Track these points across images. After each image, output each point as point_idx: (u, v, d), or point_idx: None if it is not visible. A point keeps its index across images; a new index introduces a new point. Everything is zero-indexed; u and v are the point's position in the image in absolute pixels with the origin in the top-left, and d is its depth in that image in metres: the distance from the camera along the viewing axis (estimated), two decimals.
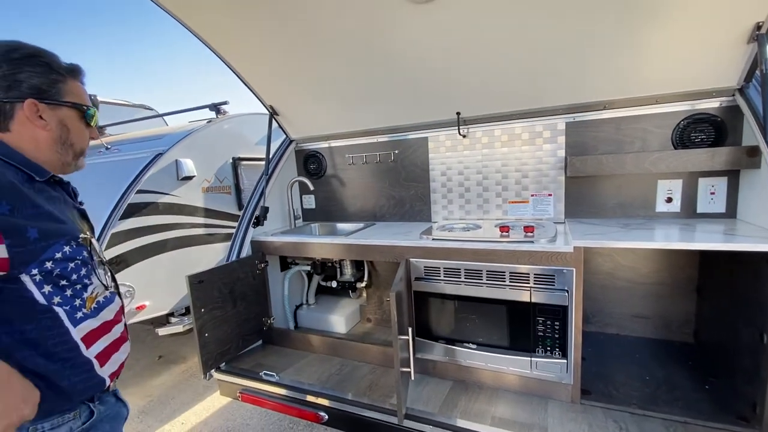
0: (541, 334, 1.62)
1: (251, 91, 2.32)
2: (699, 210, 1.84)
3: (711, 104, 1.76)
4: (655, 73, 1.71)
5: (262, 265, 2.28)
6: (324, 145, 2.69)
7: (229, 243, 2.29)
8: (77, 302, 0.93)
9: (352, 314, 2.67)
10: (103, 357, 0.99)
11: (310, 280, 2.75)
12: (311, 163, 2.78)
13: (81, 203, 1.08)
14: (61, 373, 0.89)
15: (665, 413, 1.49)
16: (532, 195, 2.15)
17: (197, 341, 1.88)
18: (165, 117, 4.97)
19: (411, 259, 1.84)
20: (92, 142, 1.07)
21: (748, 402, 1.41)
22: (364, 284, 2.64)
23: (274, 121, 2.52)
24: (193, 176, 3.16)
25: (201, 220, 3.26)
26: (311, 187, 2.62)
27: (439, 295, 1.80)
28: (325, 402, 1.78)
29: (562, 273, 1.55)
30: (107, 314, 1.01)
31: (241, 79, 2.21)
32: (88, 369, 0.94)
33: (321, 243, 2.12)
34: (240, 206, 3.59)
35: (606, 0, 1.45)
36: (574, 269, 1.52)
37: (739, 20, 1.43)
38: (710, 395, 1.58)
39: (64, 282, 0.90)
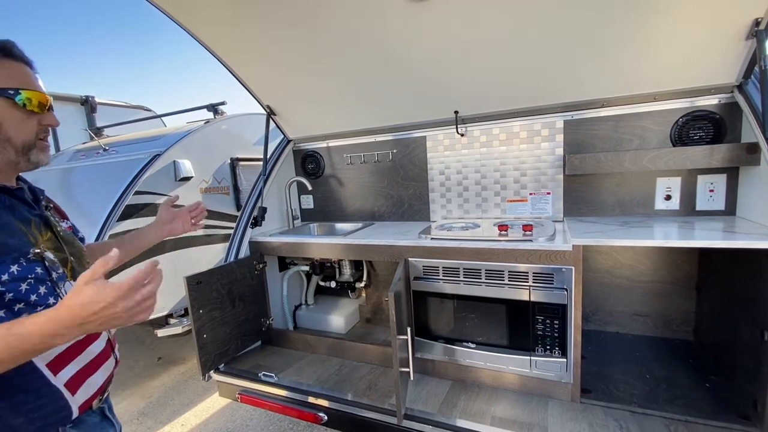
0: (541, 332, 1.61)
1: (248, 91, 2.31)
2: (698, 207, 1.84)
3: (710, 101, 1.75)
4: (653, 70, 1.70)
5: (261, 266, 2.27)
6: (322, 144, 2.68)
7: (228, 244, 2.28)
8: None
9: (351, 314, 2.67)
10: (75, 383, 0.88)
11: (308, 281, 2.74)
12: (309, 163, 2.77)
13: (48, 207, 0.96)
14: (18, 408, 0.78)
15: (666, 412, 1.48)
16: (531, 193, 2.15)
17: (196, 342, 1.88)
18: (163, 118, 4.96)
19: (410, 259, 1.83)
20: (91, 143, 0.97)
21: (749, 400, 1.41)
22: (363, 284, 2.64)
23: (271, 121, 2.51)
24: (191, 177, 3.15)
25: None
26: (309, 187, 2.61)
27: (438, 295, 1.79)
28: (324, 402, 1.77)
29: (561, 271, 1.54)
30: None
31: (238, 80, 2.20)
32: (54, 400, 0.84)
33: (319, 243, 2.12)
34: (238, 207, 3.59)
35: None
36: (573, 267, 1.51)
37: (738, 17, 1.42)
38: (711, 393, 1.58)
39: (20, 305, 0.79)
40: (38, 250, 0.84)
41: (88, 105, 5.01)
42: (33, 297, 0.81)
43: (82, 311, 0.68)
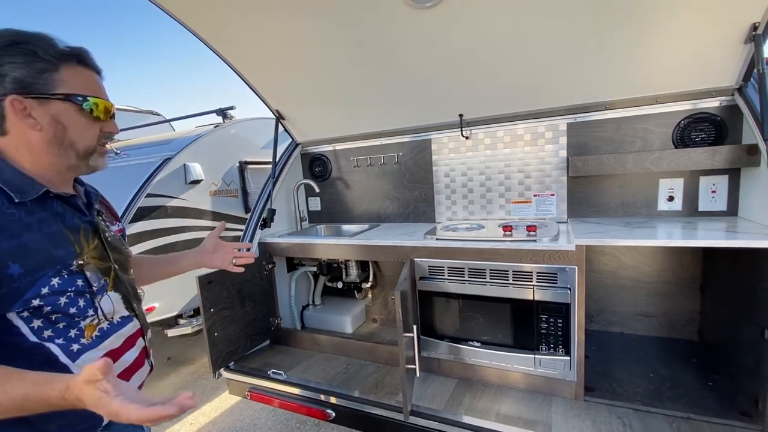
0: (545, 331, 1.64)
1: (258, 96, 2.37)
2: (700, 208, 1.86)
3: (711, 104, 1.78)
4: (654, 73, 1.73)
5: (270, 266, 2.32)
6: (329, 148, 2.73)
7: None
8: (72, 333, 0.81)
9: (358, 314, 2.70)
10: None
11: (316, 281, 2.78)
12: (317, 166, 2.82)
13: (99, 212, 0.96)
14: (52, 415, 0.75)
15: (669, 409, 1.50)
16: (535, 195, 2.18)
17: (207, 340, 1.93)
18: (173, 122, 5.05)
19: (415, 259, 1.87)
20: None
21: (751, 398, 1.42)
22: (369, 285, 2.68)
23: (280, 125, 2.57)
24: (201, 180, 3.22)
25: (209, 223, 3.32)
26: (317, 190, 2.66)
27: (444, 294, 1.83)
28: (332, 400, 1.81)
29: (564, 271, 1.57)
30: (113, 342, 0.89)
31: (248, 84, 2.26)
32: (83, 411, 0.79)
33: (327, 244, 2.16)
34: (246, 209, 3.65)
35: (606, 3, 1.48)
36: (577, 267, 1.54)
37: (736, 21, 1.45)
38: (714, 392, 1.59)
39: (57, 316, 0.79)
40: (81, 262, 0.83)
41: None
42: (72, 309, 0.81)
43: (88, 405, 0.67)
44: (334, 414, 1.79)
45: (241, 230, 2.38)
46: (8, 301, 0.72)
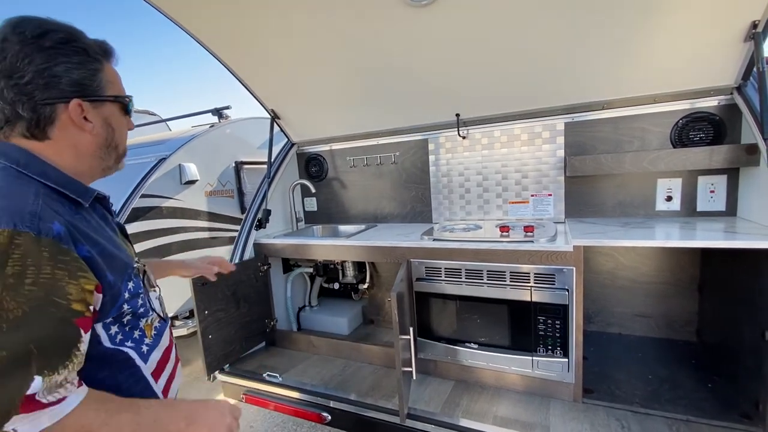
0: (542, 333, 1.62)
1: (253, 95, 2.34)
2: (699, 208, 1.85)
3: (709, 103, 1.76)
4: (652, 72, 1.72)
5: (265, 268, 2.30)
6: (325, 148, 2.71)
7: (232, 246, 2.31)
8: (136, 334, 0.80)
9: (355, 316, 2.68)
10: (167, 389, 0.88)
11: (312, 282, 2.76)
12: (313, 166, 2.80)
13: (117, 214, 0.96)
14: None
15: (668, 411, 1.49)
16: (532, 195, 2.16)
17: (201, 343, 1.90)
18: (168, 122, 5.02)
19: (412, 260, 1.85)
20: None
21: (751, 400, 1.41)
22: (366, 286, 2.66)
23: (275, 124, 2.55)
24: (196, 180, 3.19)
25: (204, 223, 3.29)
26: (313, 190, 2.64)
27: (441, 296, 1.81)
28: (328, 402, 1.79)
29: (562, 272, 1.55)
30: (166, 339, 0.90)
31: (243, 84, 2.24)
32: None
33: (323, 245, 2.14)
34: (242, 209, 3.62)
35: (604, 1, 1.46)
36: (574, 268, 1.53)
37: (736, 19, 1.44)
38: (713, 393, 1.58)
39: (128, 318, 0.78)
40: (137, 264, 0.83)
41: None
42: (141, 310, 0.81)
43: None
44: (330, 417, 1.77)
45: (237, 231, 2.36)
46: (108, 308, 0.71)
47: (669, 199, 1.89)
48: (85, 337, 0.65)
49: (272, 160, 2.56)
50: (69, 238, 0.64)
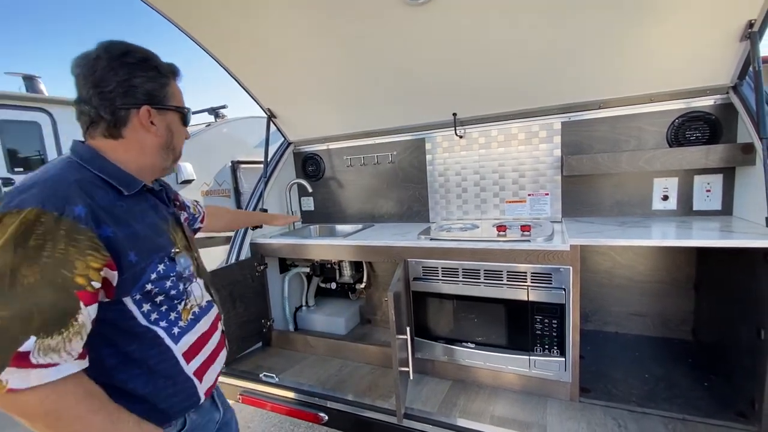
0: (539, 332, 1.62)
1: (249, 94, 2.33)
2: (695, 207, 1.85)
3: (705, 102, 1.77)
4: (649, 71, 1.72)
5: (262, 267, 2.29)
6: (322, 147, 2.70)
7: (229, 245, 2.30)
8: (172, 316, 0.89)
9: (352, 315, 2.68)
10: (201, 372, 0.94)
11: (309, 282, 2.75)
12: (309, 166, 2.79)
13: (178, 204, 1.10)
14: (161, 393, 0.86)
15: (664, 410, 1.49)
16: (529, 194, 2.16)
17: None
18: None
19: (409, 260, 1.85)
20: None
21: (747, 398, 1.42)
22: (363, 285, 2.65)
23: (272, 124, 2.54)
24: (193, 180, 3.18)
25: None
26: (310, 189, 2.63)
27: (438, 295, 1.81)
28: (325, 403, 1.78)
29: (558, 271, 1.55)
30: (203, 325, 0.97)
31: (239, 83, 2.23)
32: (188, 387, 0.91)
33: (320, 244, 2.13)
34: (239, 209, 3.61)
35: (600, 1, 1.46)
36: (571, 267, 1.53)
37: (732, 18, 1.44)
38: (709, 392, 1.58)
39: (161, 298, 0.86)
40: (176, 250, 0.91)
41: None
42: (173, 293, 0.88)
43: None
44: (327, 417, 1.76)
45: (233, 230, 2.34)
46: (129, 285, 0.79)
47: (665, 198, 1.89)
48: (86, 310, 0.71)
49: (269, 159, 2.55)
50: (90, 219, 0.73)
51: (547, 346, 1.62)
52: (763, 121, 1.40)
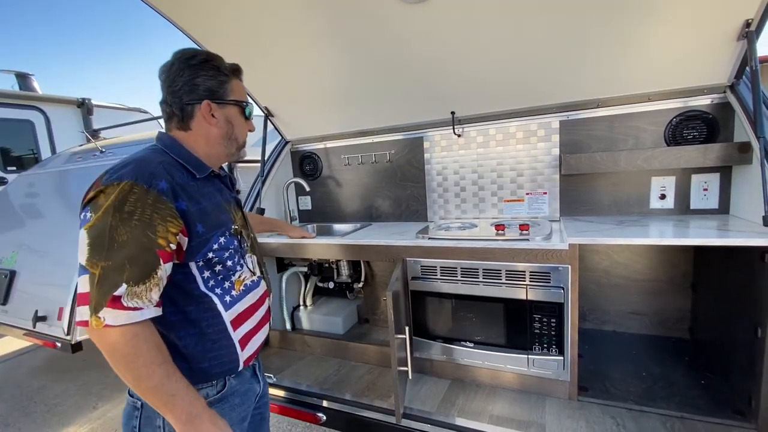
0: (538, 331, 1.62)
1: (246, 92, 2.31)
2: (692, 206, 1.86)
3: (702, 101, 1.77)
4: (647, 71, 1.72)
5: None
6: (320, 146, 2.69)
7: None
8: (227, 285, 1.01)
9: (350, 315, 2.67)
10: (245, 340, 1.05)
11: (307, 282, 2.74)
12: (307, 164, 2.78)
13: (238, 191, 1.20)
14: (207, 354, 0.97)
15: (662, 409, 1.49)
16: (528, 193, 2.16)
17: None
18: (160, 120, 4.95)
19: (407, 259, 1.84)
20: (87, 145, 1.11)
21: (744, 396, 1.42)
22: (361, 285, 2.64)
23: (269, 122, 2.52)
24: None
25: None
26: (307, 188, 2.62)
27: (436, 294, 1.80)
28: (322, 402, 1.77)
29: (557, 270, 1.55)
30: (252, 297, 1.09)
31: None
32: (230, 352, 1.01)
33: (317, 244, 2.12)
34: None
35: (599, 0, 1.46)
36: (570, 266, 1.53)
37: (729, 18, 1.44)
38: (706, 390, 1.59)
39: (219, 267, 0.99)
40: (235, 227, 1.05)
41: (84, 107, 5.01)
42: (229, 263, 1.01)
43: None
44: (325, 417, 1.75)
45: None
46: (195, 251, 0.93)
47: (663, 197, 1.90)
48: (164, 266, 0.85)
49: (266, 158, 2.54)
50: (171, 193, 0.88)
51: (545, 345, 1.62)
52: (760, 120, 1.41)
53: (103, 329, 0.78)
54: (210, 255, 0.96)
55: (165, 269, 0.86)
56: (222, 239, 0.99)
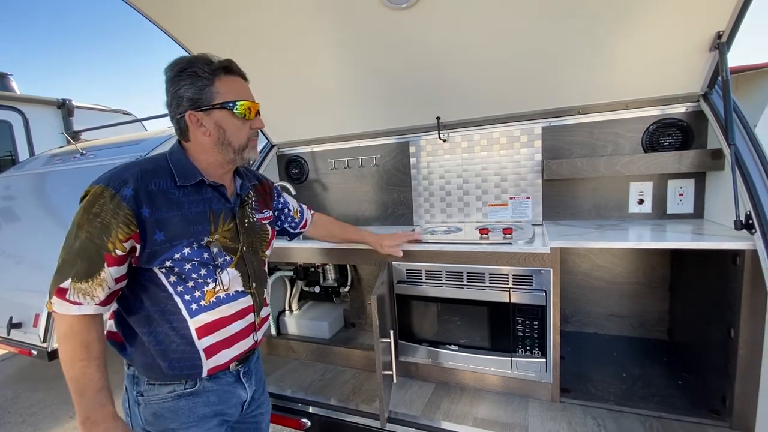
0: (521, 334, 1.64)
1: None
2: (669, 211, 1.91)
3: (678, 109, 1.83)
4: (624, 79, 1.77)
5: None
6: (306, 149, 2.69)
7: None
8: (197, 294, 1.01)
9: (336, 319, 2.65)
10: (212, 351, 1.05)
11: (292, 286, 2.71)
12: (293, 168, 2.77)
13: (244, 201, 1.16)
14: (167, 354, 0.99)
15: (641, 409, 1.52)
16: (511, 198, 2.20)
17: None
18: (144, 122, 4.88)
19: (393, 263, 1.85)
20: (67, 147, 1.12)
21: (719, 395, 1.46)
22: (347, 289, 2.63)
23: None
24: None
25: None
26: (293, 192, 2.61)
27: (422, 298, 1.81)
28: (307, 408, 1.76)
29: (539, 273, 1.58)
30: (226, 310, 1.07)
31: None
32: (193, 357, 1.02)
33: (303, 247, 2.11)
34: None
35: (578, 9, 1.50)
36: (551, 269, 1.55)
37: (702, 29, 1.50)
38: (684, 390, 1.63)
39: (185, 276, 0.99)
40: (210, 239, 1.02)
41: (65, 108, 4.89)
42: (194, 275, 1.00)
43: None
44: (309, 423, 1.74)
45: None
46: (153, 258, 0.94)
47: (641, 201, 1.95)
48: (108, 269, 0.90)
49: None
50: (134, 200, 0.90)
51: (528, 348, 1.64)
52: (731, 128, 1.46)
53: (54, 313, 0.90)
54: (168, 263, 0.96)
55: (109, 272, 0.91)
56: (186, 250, 0.97)
